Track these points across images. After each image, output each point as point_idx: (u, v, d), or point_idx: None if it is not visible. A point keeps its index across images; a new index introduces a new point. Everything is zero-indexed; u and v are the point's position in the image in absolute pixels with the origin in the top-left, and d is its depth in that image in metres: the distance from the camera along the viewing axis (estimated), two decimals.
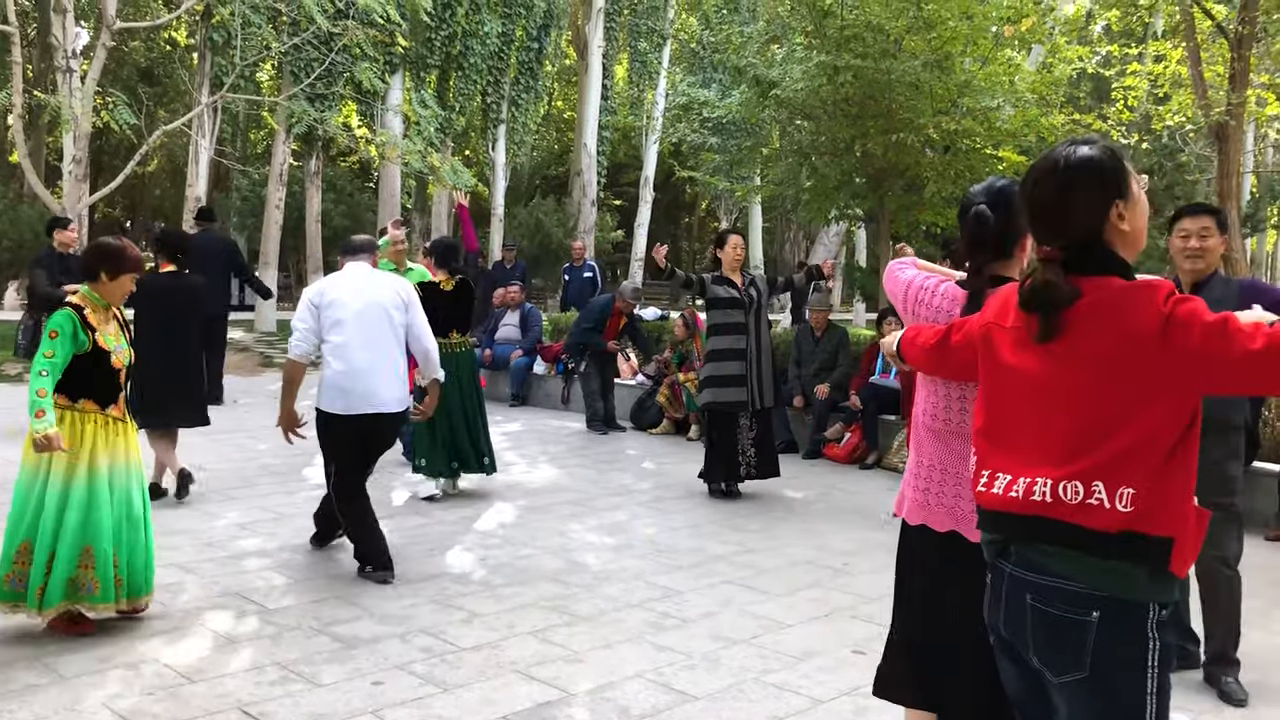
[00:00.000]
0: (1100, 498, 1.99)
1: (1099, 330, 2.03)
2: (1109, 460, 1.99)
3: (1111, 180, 2.12)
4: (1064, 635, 2.04)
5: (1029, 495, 2.08)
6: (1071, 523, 2.02)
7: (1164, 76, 14.63)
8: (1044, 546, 2.07)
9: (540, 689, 3.99)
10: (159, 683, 3.93)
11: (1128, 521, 1.97)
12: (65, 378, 4.33)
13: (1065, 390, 2.07)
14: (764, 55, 13.09)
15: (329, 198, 23.81)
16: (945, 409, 2.84)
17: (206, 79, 18.30)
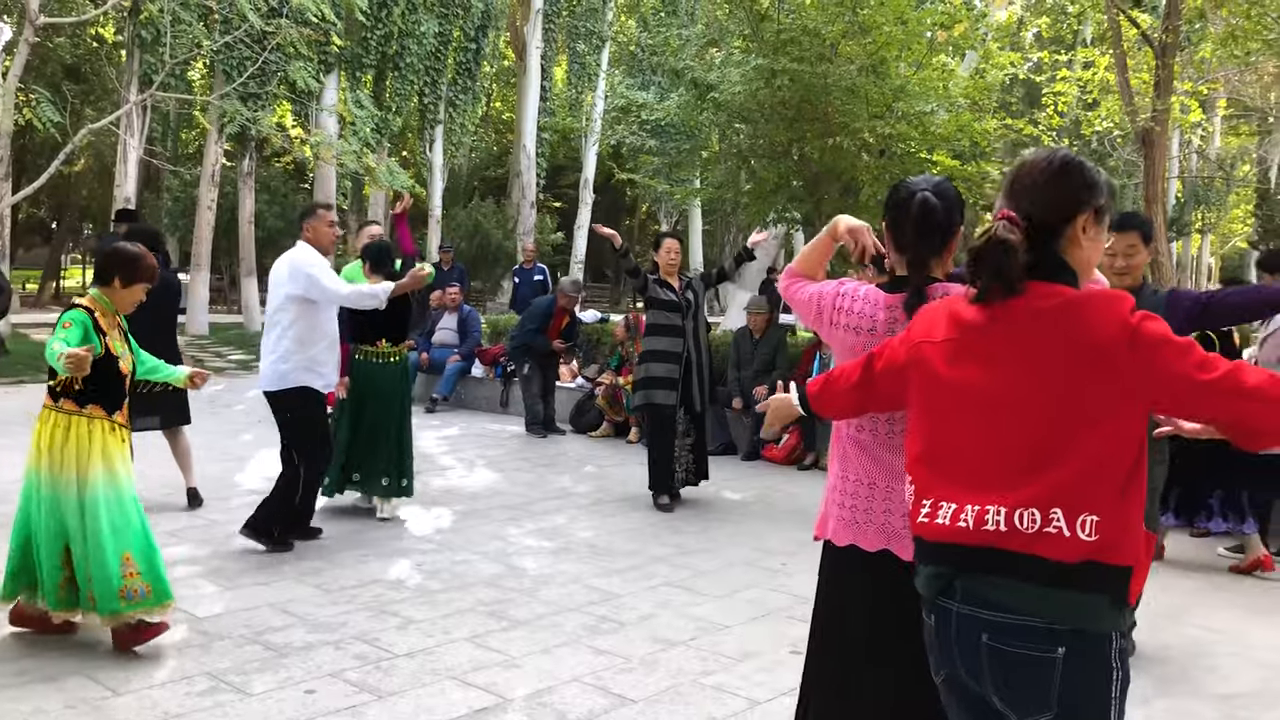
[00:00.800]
0: (1059, 525, 1.86)
1: (1054, 338, 1.92)
2: (1068, 483, 1.88)
3: (1095, 191, 2.07)
4: (1027, 674, 1.92)
5: (980, 525, 1.93)
6: (1029, 554, 1.89)
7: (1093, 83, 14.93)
8: (996, 580, 1.94)
9: (477, 695, 3.96)
10: (82, 695, 3.83)
11: (1090, 552, 1.86)
12: (74, 382, 4.21)
13: (1014, 403, 1.95)
14: (702, 58, 13.12)
15: (263, 199, 23.44)
16: (871, 419, 2.68)
17: (135, 77, 17.93)
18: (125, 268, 4.36)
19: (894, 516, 2.63)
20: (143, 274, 4.39)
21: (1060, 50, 18.24)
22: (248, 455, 8.93)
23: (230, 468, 8.31)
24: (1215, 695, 4.23)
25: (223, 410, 11.75)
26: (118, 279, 4.35)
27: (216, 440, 9.64)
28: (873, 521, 2.67)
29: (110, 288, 4.37)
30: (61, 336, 4.10)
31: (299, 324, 5.89)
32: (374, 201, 24.08)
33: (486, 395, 12.56)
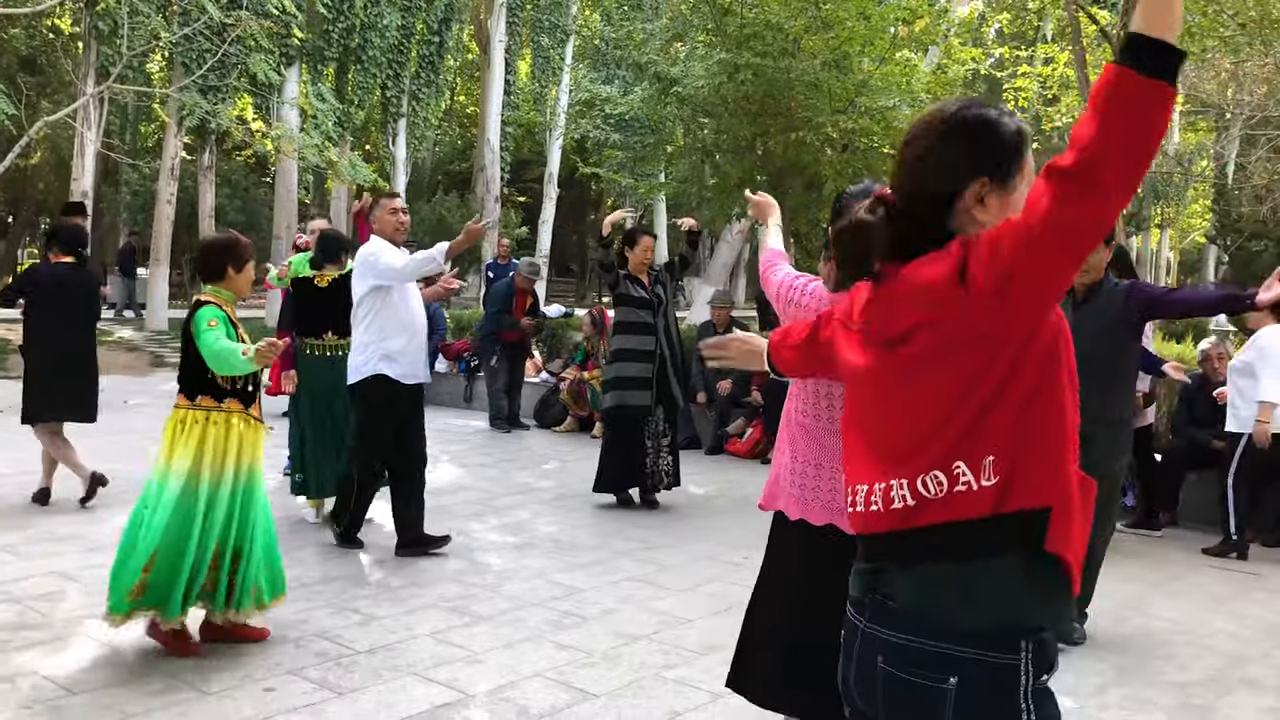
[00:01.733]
0: (967, 480, 1.66)
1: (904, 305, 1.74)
2: (961, 435, 1.67)
3: (991, 153, 1.76)
4: (917, 708, 1.68)
5: (889, 504, 1.75)
6: (941, 522, 1.69)
7: (1053, 79, 15.08)
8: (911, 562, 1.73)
9: (438, 691, 3.94)
10: (37, 696, 3.77)
11: (996, 496, 1.65)
12: (210, 379, 4.18)
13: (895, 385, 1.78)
14: (666, 53, 13.12)
15: (223, 193, 23.20)
16: (814, 404, 2.97)
17: (92, 69, 17.68)
18: (234, 255, 4.31)
19: (838, 495, 2.91)
20: (248, 253, 4.37)
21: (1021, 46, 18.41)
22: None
23: None
24: (1171, 683, 4.29)
25: None
26: (231, 268, 4.30)
27: None
28: (819, 499, 2.96)
29: (226, 279, 4.31)
30: (216, 335, 4.08)
31: (375, 316, 5.70)
32: (336, 196, 23.89)
33: (450, 390, 12.51)
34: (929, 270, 1.71)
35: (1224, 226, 26.15)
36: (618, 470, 7.25)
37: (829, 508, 2.93)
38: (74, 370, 6.82)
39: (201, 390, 4.23)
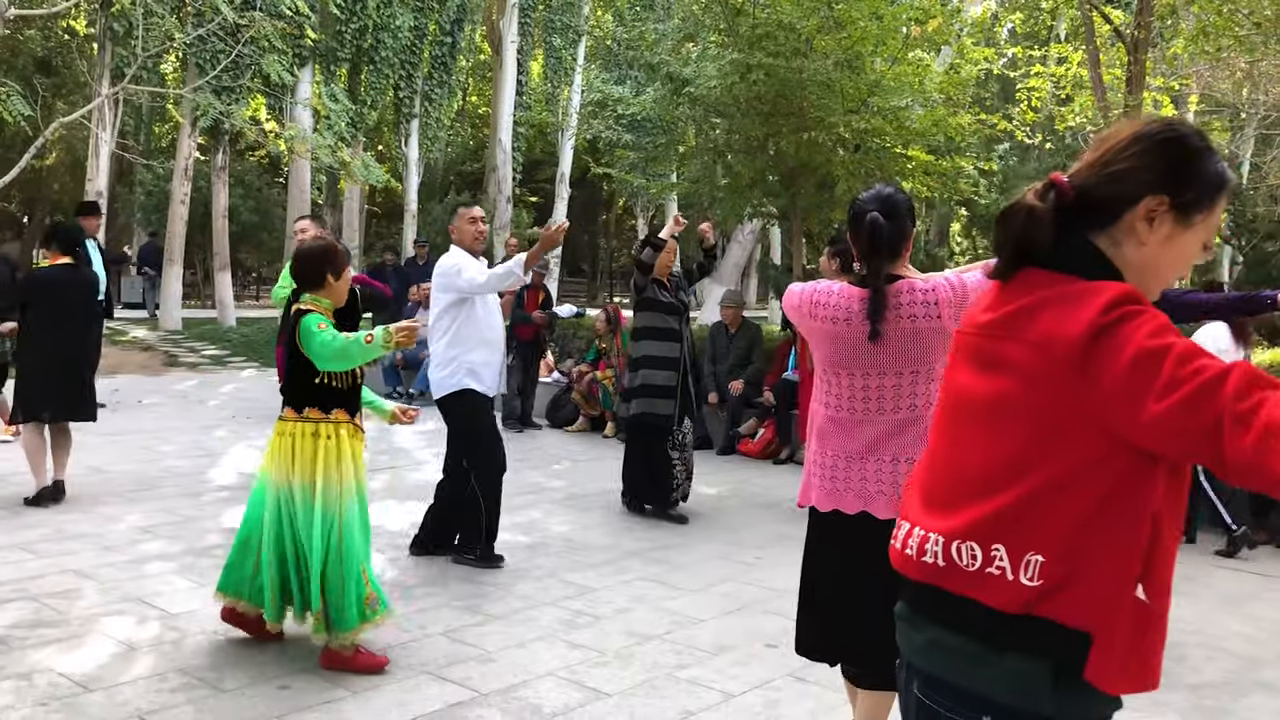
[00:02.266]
0: (1002, 565, 1.51)
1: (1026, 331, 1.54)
2: (1013, 512, 1.51)
3: (1188, 179, 1.57)
4: None
5: (921, 555, 1.63)
6: (965, 596, 1.56)
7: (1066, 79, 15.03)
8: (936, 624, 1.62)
9: (452, 689, 3.95)
10: (54, 693, 3.80)
11: (1032, 599, 1.49)
12: (317, 389, 4.14)
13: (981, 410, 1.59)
14: (678, 53, 13.11)
15: (236, 193, 23.28)
16: (849, 399, 3.05)
17: (107, 70, 17.75)
18: (333, 262, 4.26)
19: (869, 482, 3.01)
20: (345, 259, 4.33)
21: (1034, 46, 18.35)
22: (220, 451, 8.88)
23: (202, 463, 8.26)
24: (1185, 685, 4.27)
25: (196, 406, 11.68)
26: (330, 275, 4.25)
27: (189, 435, 9.58)
28: (851, 488, 3.04)
29: (325, 286, 4.26)
30: (331, 333, 4.05)
31: (455, 328, 5.65)
32: (349, 196, 23.96)
33: None
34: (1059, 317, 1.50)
35: (1239, 227, 25.99)
36: (638, 480, 7.08)
37: (861, 495, 3.01)
38: (71, 370, 6.88)
39: (309, 401, 4.15)
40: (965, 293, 2.96)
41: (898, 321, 2.96)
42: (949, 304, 2.96)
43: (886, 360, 2.99)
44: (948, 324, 2.94)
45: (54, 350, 6.79)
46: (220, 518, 6.57)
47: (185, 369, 15.52)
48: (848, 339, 3.02)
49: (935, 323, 2.95)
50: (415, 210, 24.28)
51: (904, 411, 3.00)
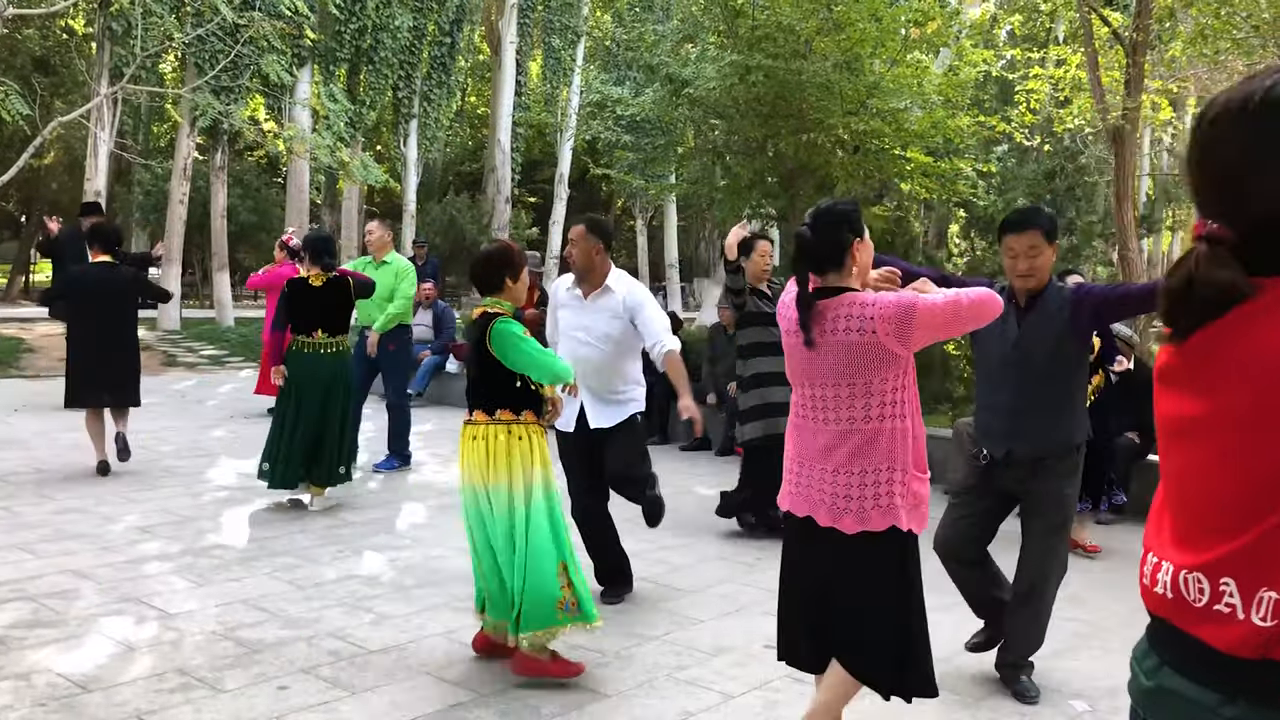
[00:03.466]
0: (1232, 603, 1.33)
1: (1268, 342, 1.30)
2: (1249, 547, 1.32)
3: None
4: None
5: (1154, 585, 1.46)
6: (1193, 635, 1.38)
7: (1064, 81, 15.03)
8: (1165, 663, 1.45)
9: (450, 690, 3.95)
10: (52, 693, 3.79)
11: (1268, 640, 1.30)
12: (511, 390, 4.14)
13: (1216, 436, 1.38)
14: (677, 54, 13.13)
15: (235, 193, 23.28)
16: (802, 405, 3.19)
17: (106, 69, 17.75)
18: (511, 266, 4.25)
19: (812, 489, 3.14)
20: (522, 260, 4.33)
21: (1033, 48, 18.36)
22: (219, 451, 8.87)
23: (201, 463, 8.25)
24: None
25: (194, 406, 11.67)
26: (508, 278, 4.25)
27: (187, 435, 9.58)
28: (801, 492, 3.18)
29: (504, 290, 4.25)
30: (533, 345, 4.10)
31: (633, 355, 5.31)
32: (347, 196, 23.96)
33: (460, 390, 12.50)
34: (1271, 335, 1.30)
35: None
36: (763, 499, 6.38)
37: (808, 500, 3.16)
38: (114, 359, 7.64)
39: (501, 404, 4.14)
40: (913, 314, 2.95)
41: (833, 334, 3.02)
42: (886, 321, 2.95)
43: (824, 371, 3.07)
44: (884, 340, 2.97)
45: (99, 343, 7.58)
46: (219, 518, 6.57)
47: (183, 369, 15.51)
48: (794, 347, 3.16)
49: (870, 338, 2.97)
50: (414, 210, 24.29)
51: (843, 424, 3.07)
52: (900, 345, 2.99)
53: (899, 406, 3.05)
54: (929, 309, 2.97)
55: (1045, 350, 3.95)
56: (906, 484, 3.07)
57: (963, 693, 4.13)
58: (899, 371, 3.04)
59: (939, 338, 3.14)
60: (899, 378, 3.04)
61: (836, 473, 3.07)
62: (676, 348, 5.00)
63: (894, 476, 3.06)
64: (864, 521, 3.07)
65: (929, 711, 3.95)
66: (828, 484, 3.09)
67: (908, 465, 3.08)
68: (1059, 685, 4.23)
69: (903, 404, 3.07)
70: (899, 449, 3.06)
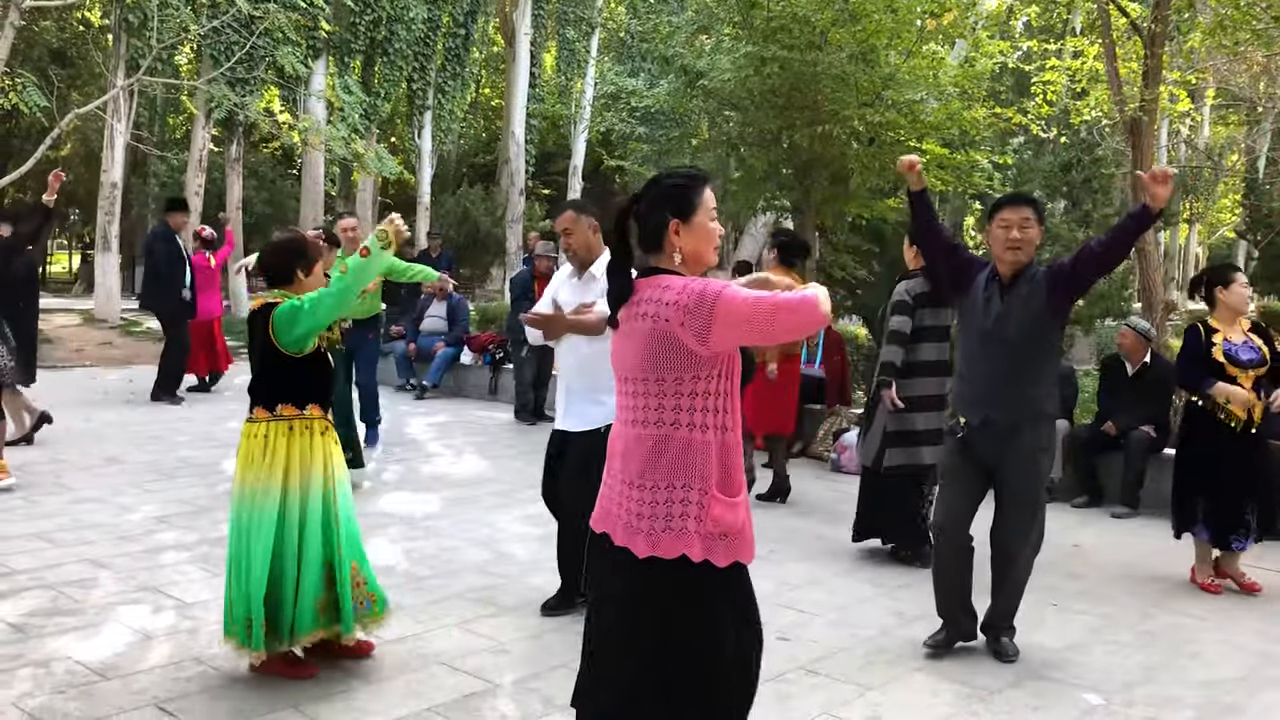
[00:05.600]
0: None
1: None
2: None
3: None
4: None
5: None
6: None
7: (1082, 72, 14.92)
8: None
9: (465, 680, 3.97)
10: (71, 680, 3.83)
11: None
12: (289, 383, 3.96)
13: None
14: (692, 45, 13.09)
15: (250, 184, 23.33)
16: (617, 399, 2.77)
17: (122, 61, 17.82)
18: (303, 258, 4.08)
19: (611, 502, 2.69)
20: (316, 252, 4.17)
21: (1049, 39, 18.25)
22: (234, 442, 8.86)
23: (217, 454, 8.29)
24: (1199, 682, 4.26)
25: (210, 396, 11.72)
26: (300, 271, 4.06)
27: (203, 426, 9.62)
28: (601, 504, 2.76)
29: (296, 283, 4.05)
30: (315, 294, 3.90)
31: None
32: (362, 187, 23.99)
33: (475, 382, 12.57)
34: None
35: (1254, 221, 25.88)
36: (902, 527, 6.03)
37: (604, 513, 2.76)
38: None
39: (283, 398, 3.96)
40: (712, 305, 2.49)
41: (639, 319, 2.61)
42: (681, 309, 2.51)
43: (627, 361, 2.65)
44: (676, 330, 2.52)
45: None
46: None
47: None
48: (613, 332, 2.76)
49: (664, 325, 2.53)
50: (428, 202, 24.31)
51: (637, 426, 2.64)
52: (696, 341, 2.52)
53: (705, 415, 2.57)
54: (730, 302, 2.50)
55: (1024, 326, 4.27)
56: (706, 506, 2.55)
57: (978, 685, 4.13)
58: (707, 374, 2.57)
59: (747, 341, 2.57)
60: (707, 381, 2.57)
61: (630, 485, 2.62)
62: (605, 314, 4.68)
63: (689, 496, 2.56)
64: (654, 545, 2.57)
65: (944, 705, 3.96)
66: (621, 497, 2.65)
67: (709, 485, 2.57)
68: (1073, 678, 4.22)
69: (711, 412, 2.58)
70: (698, 464, 2.57)
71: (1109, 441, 7.48)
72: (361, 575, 4.08)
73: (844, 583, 5.49)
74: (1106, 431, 7.47)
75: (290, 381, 3.97)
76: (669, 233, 2.65)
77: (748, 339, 2.55)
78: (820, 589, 5.35)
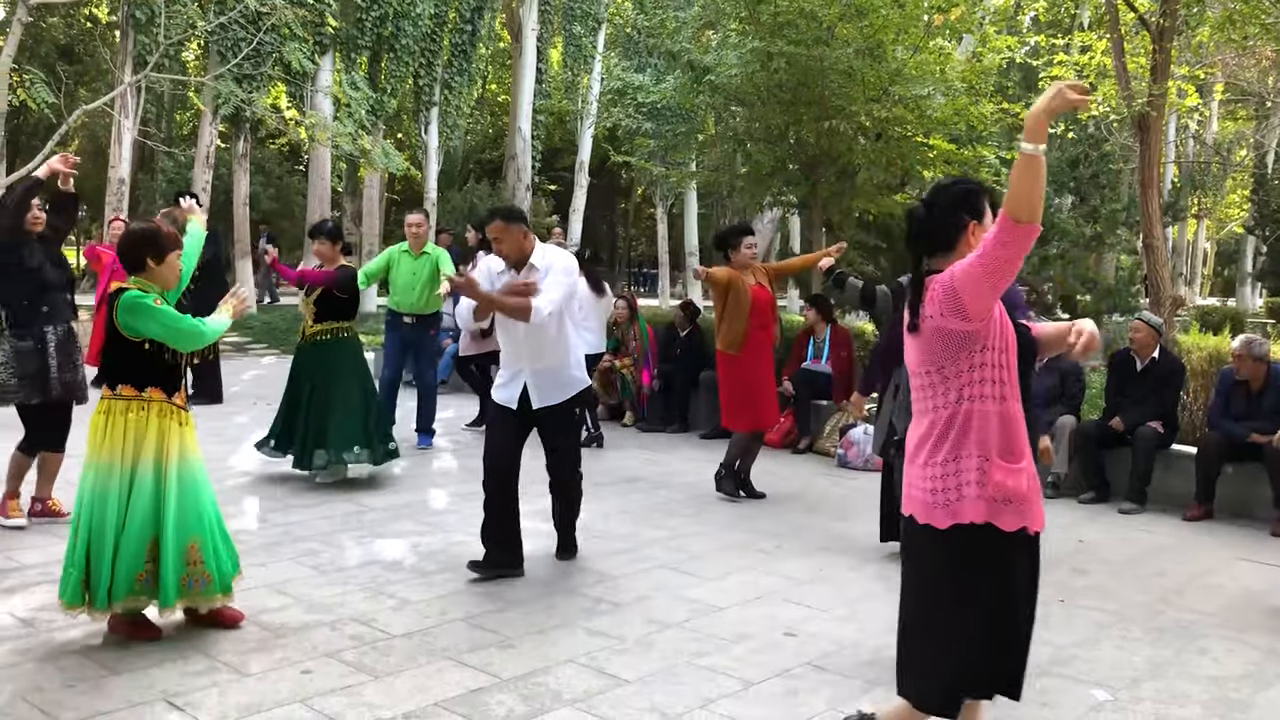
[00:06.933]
0: None
1: None
2: None
3: None
4: None
5: None
6: None
7: (1090, 67, 14.89)
8: None
9: (472, 675, 3.98)
10: (80, 675, 3.84)
11: None
12: (130, 367, 4.17)
13: None
14: (698, 41, 13.10)
15: (257, 180, 23.37)
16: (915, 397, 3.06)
17: (129, 57, 17.84)
18: (152, 246, 4.24)
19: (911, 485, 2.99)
20: (169, 243, 4.29)
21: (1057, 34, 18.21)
22: (242, 437, 8.92)
23: (224, 449, 8.31)
24: (1207, 677, 4.26)
25: None
26: (150, 260, 4.23)
27: (211, 421, 9.64)
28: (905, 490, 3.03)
29: (147, 270, 4.24)
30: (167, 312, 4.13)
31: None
32: (368, 184, 24.01)
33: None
34: None
35: (1263, 217, 25.77)
36: None
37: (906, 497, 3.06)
38: None
39: (123, 379, 4.20)
40: (953, 281, 2.80)
41: (926, 319, 2.90)
42: (939, 302, 2.84)
43: (922, 357, 2.94)
44: (940, 322, 2.85)
45: None
46: (241, 503, 6.62)
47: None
48: (902, 334, 3.03)
49: (939, 321, 2.86)
50: (435, 198, 24.32)
51: (928, 413, 2.94)
52: (960, 320, 2.81)
53: (984, 387, 2.87)
54: (963, 270, 2.79)
55: None
56: (988, 473, 2.86)
57: None
58: (981, 347, 2.85)
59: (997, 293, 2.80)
60: (983, 354, 2.85)
61: (925, 465, 2.93)
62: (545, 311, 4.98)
63: (973, 465, 2.87)
64: (953, 515, 2.89)
65: None
66: (917, 478, 2.96)
67: (990, 453, 2.87)
68: (1081, 674, 4.22)
69: (990, 383, 2.87)
70: (981, 434, 2.87)
71: (1116, 437, 7.47)
72: (200, 555, 4.24)
73: (851, 579, 5.49)
74: (1114, 427, 7.46)
75: (130, 364, 4.22)
76: (966, 234, 2.96)
77: (994, 291, 2.77)
78: (828, 585, 5.35)
